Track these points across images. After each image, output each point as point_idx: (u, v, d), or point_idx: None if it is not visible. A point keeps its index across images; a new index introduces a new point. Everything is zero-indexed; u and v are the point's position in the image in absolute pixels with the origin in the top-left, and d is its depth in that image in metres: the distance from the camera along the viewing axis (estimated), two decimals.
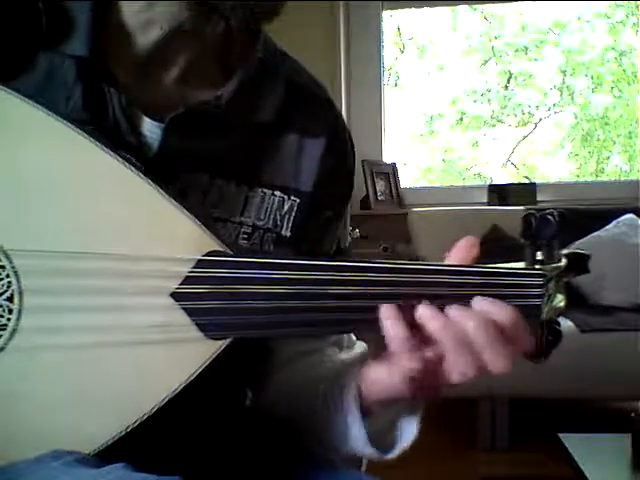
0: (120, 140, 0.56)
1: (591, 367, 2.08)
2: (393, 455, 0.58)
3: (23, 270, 0.49)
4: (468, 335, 0.47)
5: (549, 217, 0.48)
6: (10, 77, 0.53)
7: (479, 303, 0.48)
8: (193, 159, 0.59)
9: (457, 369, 0.48)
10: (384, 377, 0.53)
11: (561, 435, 1.72)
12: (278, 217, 0.63)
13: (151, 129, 0.58)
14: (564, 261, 0.49)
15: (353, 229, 2.85)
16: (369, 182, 3.03)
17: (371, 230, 2.97)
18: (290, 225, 0.64)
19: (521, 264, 0.49)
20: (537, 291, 0.48)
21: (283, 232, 0.64)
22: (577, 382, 2.10)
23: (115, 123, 0.56)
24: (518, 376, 0.50)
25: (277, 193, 0.63)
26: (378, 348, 0.53)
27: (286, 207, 0.64)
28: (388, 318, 0.48)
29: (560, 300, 0.49)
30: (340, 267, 0.48)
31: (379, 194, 3.08)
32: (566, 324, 2.10)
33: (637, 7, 3.22)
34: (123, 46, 0.58)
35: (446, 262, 0.51)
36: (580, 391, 2.16)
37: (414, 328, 0.48)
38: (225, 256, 0.49)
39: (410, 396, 0.53)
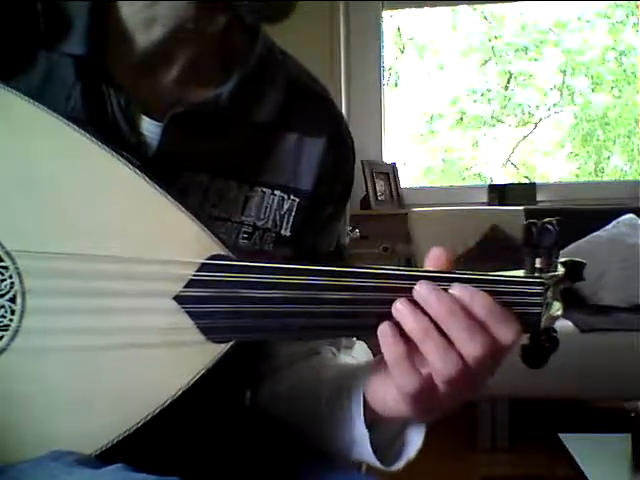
0: (120, 140, 0.56)
1: (591, 367, 2.08)
2: (398, 467, 0.56)
3: (26, 271, 0.49)
4: (441, 322, 0.46)
5: (549, 226, 0.48)
6: (8, 77, 0.53)
7: (454, 289, 0.46)
8: (193, 158, 0.59)
9: (436, 365, 0.46)
10: (385, 396, 0.52)
11: (561, 435, 1.73)
12: (278, 217, 0.63)
13: (150, 128, 0.58)
14: (561, 269, 0.49)
15: (353, 229, 2.84)
16: (369, 182, 3.03)
17: (371, 230, 2.97)
18: (290, 225, 0.64)
19: (520, 272, 0.49)
20: (536, 299, 0.47)
21: (283, 232, 0.64)
22: (577, 382, 2.10)
23: (114, 123, 0.56)
24: (518, 376, 0.49)
25: (277, 192, 0.63)
26: (379, 364, 0.52)
27: (286, 207, 0.64)
28: (386, 335, 0.47)
29: (557, 308, 0.50)
30: (342, 273, 0.48)
31: (379, 194, 3.08)
32: (566, 324, 2.10)
33: (637, 7, 3.22)
34: (122, 45, 0.58)
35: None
36: (580, 391, 2.16)
37: (412, 346, 0.47)
38: (229, 260, 0.49)
39: (411, 417, 0.52)
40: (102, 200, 0.51)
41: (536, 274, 0.48)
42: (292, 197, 0.64)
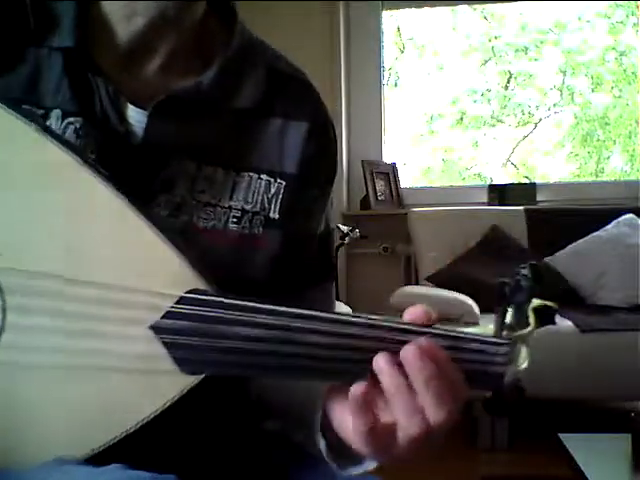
0: (109, 129, 0.58)
1: (591, 367, 2.08)
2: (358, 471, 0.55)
3: (8, 288, 0.50)
4: (414, 383, 0.46)
5: (522, 283, 0.47)
6: None
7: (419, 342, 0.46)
8: (180, 146, 0.60)
9: (401, 422, 0.46)
10: (341, 423, 0.51)
11: (561, 435, 1.72)
12: (266, 200, 0.64)
13: (136, 117, 0.59)
14: (532, 319, 0.47)
15: (353, 229, 2.85)
16: (369, 182, 3.03)
17: (371, 230, 2.98)
18: (278, 207, 0.65)
19: (490, 326, 0.49)
20: (501, 359, 0.47)
21: (271, 214, 0.65)
22: (577, 382, 2.10)
23: (103, 112, 0.58)
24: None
25: (263, 176, 0.64)
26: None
27: (273, 190, 0.65)
28: None
29: (524, 357, 0.48)
30: (319, 318, 0.48)
31: (379, 194, 3.08)
32: (566, 324, 2.10)
33: (637, 7, 3.22)
34: (107, 38, 0.60)
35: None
36: (580, 391, 2.16)
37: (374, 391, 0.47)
38: (208, 295, 0.49)
39: (367, 454, 0.50)
40: (85, 222, 0.51)
41: (505, 332, 0.48)
42: (278, 180, 0.65)
